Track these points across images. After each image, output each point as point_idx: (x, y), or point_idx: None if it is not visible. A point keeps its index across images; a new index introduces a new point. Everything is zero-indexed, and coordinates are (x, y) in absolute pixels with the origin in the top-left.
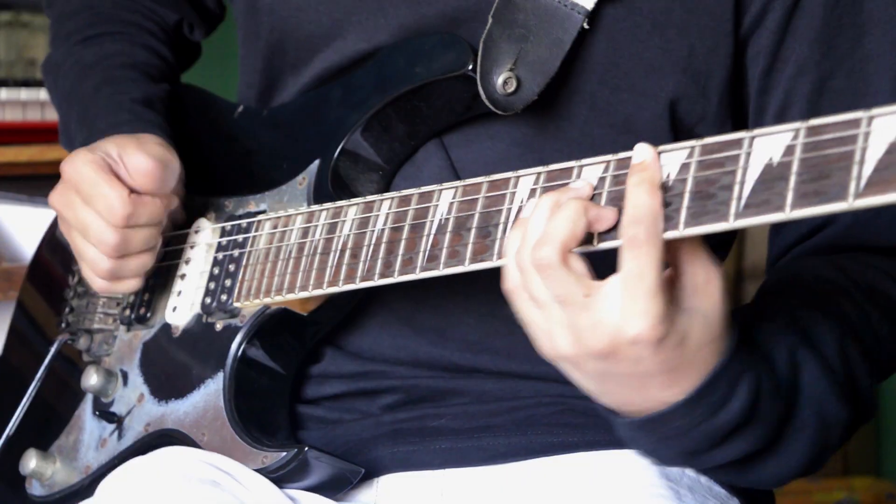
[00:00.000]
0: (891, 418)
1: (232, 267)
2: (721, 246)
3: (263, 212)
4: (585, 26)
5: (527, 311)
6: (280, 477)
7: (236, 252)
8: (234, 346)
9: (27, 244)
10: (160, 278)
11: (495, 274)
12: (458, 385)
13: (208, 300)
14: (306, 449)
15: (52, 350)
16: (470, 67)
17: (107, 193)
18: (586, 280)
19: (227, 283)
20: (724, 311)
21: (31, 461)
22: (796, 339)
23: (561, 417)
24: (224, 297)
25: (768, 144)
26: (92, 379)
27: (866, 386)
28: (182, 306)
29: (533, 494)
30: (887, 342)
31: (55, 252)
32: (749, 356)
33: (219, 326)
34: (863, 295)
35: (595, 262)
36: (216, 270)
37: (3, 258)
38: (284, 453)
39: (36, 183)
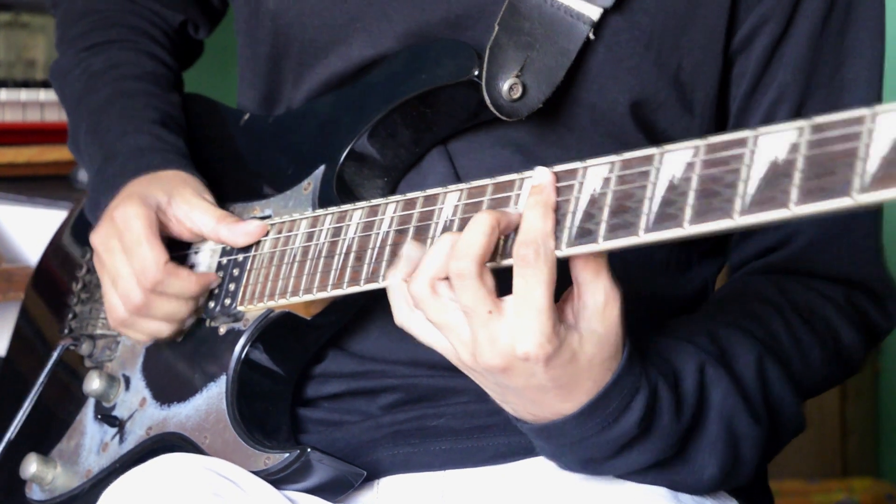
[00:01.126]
0: (890, 420)
1: (236, 271)
2: (719, 248)
3: (268, 217)
4: (591, 37)
5: (427, 337)
6: (281, 479)
7: (240, 256)
8: (237, 349)
9: (26, 245)
10: None
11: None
12: (457, 384)
13: (212, 304)
14: (309, 450)
15: (55, 355)
16: (476, 73)
17: (145, 254)
18: (493, 297)
19: (231, 287)
20: (619, 332)
21: (31, 465)
22: (710, 357)
23: None
24: (228, 301)
25: (773, 142)
26: (94, 383)
27: (791, 404)
28: None
29: (534, 494)
30: (817, 365)
31: (60, 258)
32: (647, 372)
33: (222, 330)
34: (798, 318)
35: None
36: (220, 274)
37: (3, 259)
38: (287, 454)
39: (35, 184)
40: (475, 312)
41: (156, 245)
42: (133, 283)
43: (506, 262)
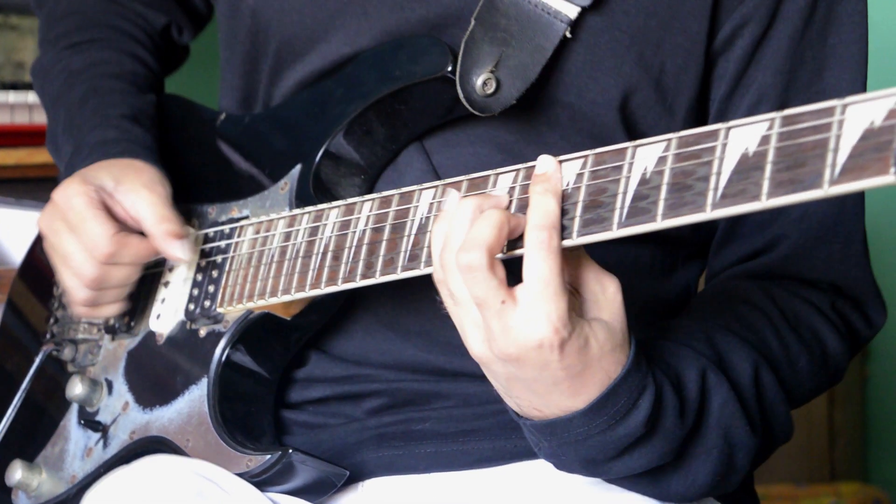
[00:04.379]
0: (877, 425)
1: (215, 273)
2: (704, 251)
3: (246, 217)
4: (567, 35)
5: (448, 305)
6: (264, 480)
7: (219, 258)
8: (217, 351)
9: (14, 247)
10: (144, 287)
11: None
12: (442, 389)
13: (192, 307)
14: (290, 451)
15: (37, 361)
16: (449, 69)
17: (93, 229)
18: (505, 287)
19: (211, 289)
20: (624, 320)
21: (16, 472)
22: (709, 363)
23: None
24: (207, 304)
25: (744, 135)
26: (77, 388)
27: (782, 412)
28: (166, 314)
29: (518, 498)
30: (804, 373)
31: (41, 263)
32: (654, 372)
33: (202, 332)
34: (787, 326)
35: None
36: (199, 277)
37: None
38: (269, 456)
39: (24, 186)
40: (488, 304)
41: (101, 218)
42: (84, 258)
43: (517, 252)
